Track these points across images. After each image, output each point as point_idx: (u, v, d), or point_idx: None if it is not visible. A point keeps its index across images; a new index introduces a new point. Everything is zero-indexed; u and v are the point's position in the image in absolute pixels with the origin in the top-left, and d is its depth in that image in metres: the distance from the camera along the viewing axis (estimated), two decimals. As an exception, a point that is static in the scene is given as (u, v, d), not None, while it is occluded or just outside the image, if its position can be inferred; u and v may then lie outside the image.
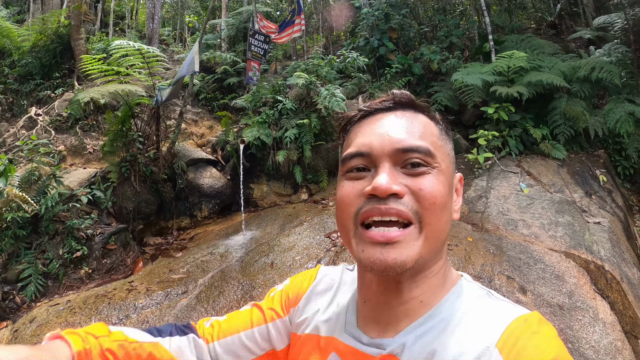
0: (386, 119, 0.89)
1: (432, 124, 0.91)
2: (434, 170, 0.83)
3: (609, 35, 9.27)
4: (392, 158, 0.83)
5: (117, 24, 18.50)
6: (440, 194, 0.81)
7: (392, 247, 0.78)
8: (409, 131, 0.86)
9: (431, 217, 0.80)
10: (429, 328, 0.82)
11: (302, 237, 5.77)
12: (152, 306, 4.72)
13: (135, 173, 7.12)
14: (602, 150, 7.26)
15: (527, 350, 0.72)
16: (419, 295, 0.85)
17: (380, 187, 0.78)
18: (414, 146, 0.83)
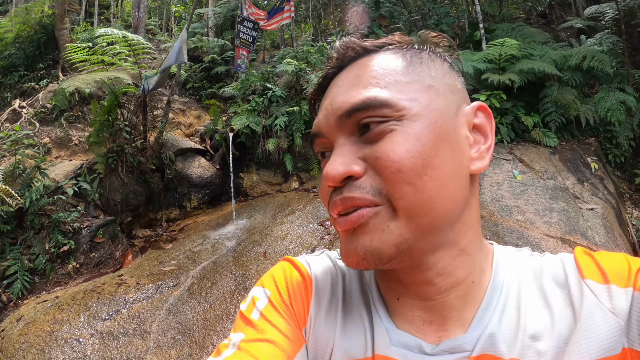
0: (335, 83, 0.70)
1: (392, 59, 0.67)
2: (400, 123, 0.61)
3: (600, 25, 9.27)
4: (342, 130, 0.65)
5: (102, 14, 18.23)
6: (408, 155, 0.59)
7: (362, 232, 0.61)
8: (352, 87, 0.65)
9: (401, 188, 0.59)
10: (503, 303, 0.67)
11: (294, 226, 5.71)
12: (143, 300, 4.65)
13: (123, 164, 6.98)
14: (593, 138, 7.28)
15: (609, 264, 0.65)
16: (468, 276, 0.68)
17: (328, 177, 0.62)
18: (357, 103, 0.63)
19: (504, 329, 0.64)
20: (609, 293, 0.61)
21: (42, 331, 4.26)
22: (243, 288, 4.60)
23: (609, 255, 0.66)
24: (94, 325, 4.33)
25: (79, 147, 8.87)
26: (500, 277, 0.69)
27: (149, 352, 4.04)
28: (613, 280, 0.62)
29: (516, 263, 0.72)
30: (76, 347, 4.09)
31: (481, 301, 0.67)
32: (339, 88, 0.67)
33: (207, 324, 4.25)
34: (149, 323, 4.34)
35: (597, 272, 0.64)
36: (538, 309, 0.65)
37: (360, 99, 0.62)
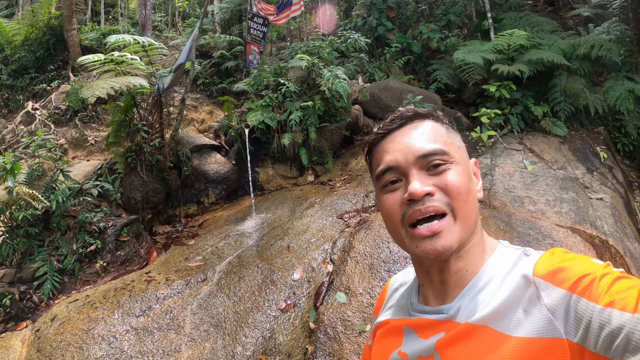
0: (401, 135, 1.06)
1: (438, 126, 1.08)
2: (452, 165, 1.00)
3: (608, 13, 9.32)
4: (417, 165, 1.00)
5: (109, 12, 18.25)
6: (462, 183, 0.98)
7: (438, 237, 0.95)
8: (423, 139, 1.03)
9: (460, 204, 0.97)
10: (479, 289, 0.98)
11: (314, 219, 5.85)
12: (174, 295, 4.81)
13: (142, 162, 7.13)
14: (602, 128, 7.36)
15: (559, 266, 0.88)
16: (465, 266, 1.01)
17: (415, 192, 0.96)
18: (431, 150, 1.00)
19: (471, 305, 0.96)
20: (549, 291, 0.86)
21: (78, 329, 4.41)
22: (270, 281, 4.76)
23: (577, 261, 0.89)
24: (128, 321, 4.50)
25: (95, 147, 9.04)
26: (487, 269, 1.01)
27: (183, 345, 4.22)
28: (556, 282, 0.86)
29: (506, 260, 1.00)
30: (113, 344, 4.26)
31: (466, 285, 1.01)
32: (410, 139, 1.04)
33: (239, 317, 4.43)
34: (181, 318, 4.52)
35: (550, 272, 0.88)
36: (498, 294, 0.93)
37: (434, 148, 1.01)
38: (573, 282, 0.83)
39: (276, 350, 4.05)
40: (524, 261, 0.96)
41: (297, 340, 4.08)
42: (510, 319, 0.88)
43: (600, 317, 0.76)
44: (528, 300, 0.88)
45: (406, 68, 9.98)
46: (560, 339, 0.81)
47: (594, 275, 0.82)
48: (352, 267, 4.53)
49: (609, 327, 0.74)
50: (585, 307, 0.79)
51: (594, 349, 0.76)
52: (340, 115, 8.15)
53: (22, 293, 5.31)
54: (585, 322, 0.78)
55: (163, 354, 4.16)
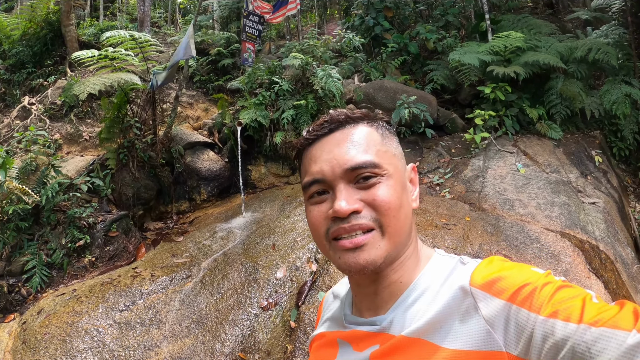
0: (330, 142, 0.99)
1: (372, 132, 1.00)
2: (383, 178, 0.94)
3: (607, 17, 9.28)
4: (344, 178, 0.93)
5: (107, 8, 18.28)
6: (392, 198, 0.93)
7: (362, 250, 0.91)
8: (352, 149, 0.95)
9: (389, 220, 0.92)
10: (413, 300, 0.95)
11: (302, 219, 5.82)
12: (158, 291, 4.81)
13: (134, 159, 7.12)
14: (597, 131, 7.32)
15: (497, 276, 0.85)
16: (399, 278, 0.98)
17: (339, 211, 0.90)
18: (360, 163, 0.93)
19: (405, 317, 0.93)
20: (487, 301, 0.83)
21: (63, 322, 4.44)
22: (253, 279, 4.74)
23: (516, 270, 0.86)
24: (112, 316, 4.51)
25: (90, 143, 9.03)
26: (422, 280, 0.97)
27: (164, 341, 4.22)
28: (494, 292, 0.82)
29: (441, 271, 0.97)
30: (96, 337, 4.28)
31: (400, 296, 0.97)
32: (339, 148, 0.97)
33: (220, 314, 4.41)
34: (164, 313, 4.51)
35: (488, 282, 0.85)
36: (433, 305, 0.90)
37: (364, 160, 0.94)
38: (512, 292, 0.80)
39: (255, 348, 4.04)
40: (460, 270, 0.93)
41: (277, 338, 4.06)
42: (446, 331, 0.85)
43: (543, 328, 0.72)
44: (465, 312, 0.85)
45: (403, 68, 9.94)
46: (499, 352, 0.78)
47: (535, 285, 0.79)
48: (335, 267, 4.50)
49: (553, 339, 0.71)
50: (526, 318, 0.76)
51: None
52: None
53: (11, 286, 5.36)
54: (526, 334, 0.75)
55: (144, 349, 4.17)
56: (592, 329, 0.67)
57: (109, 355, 4.13)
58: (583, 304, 0.72)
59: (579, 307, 0.71)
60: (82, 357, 4.11)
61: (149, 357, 4.11)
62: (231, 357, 4.02)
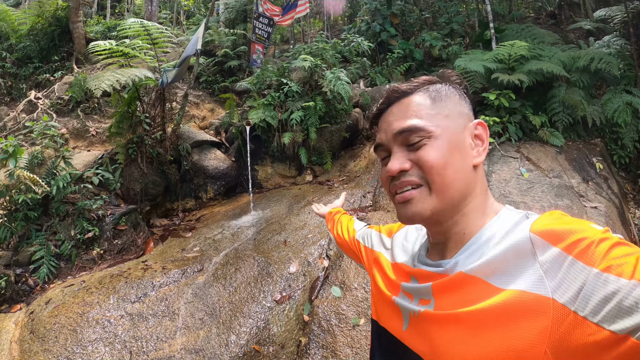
0: (388, 114, 1.14)
1: (424, 98, 1.10)
2: (430, 140, 1.04)
3: (609, 28, 9.41)
4: (396, 142, 1.08)
5: (115, 7, 18.33)
6: (436, 158, 1.01)
7: (409, 204, 1.04)
8: (400, 116, 1.09)
9: (433, 177, 1.01)
10: (477, 248, 1.02)
11: (312, 217, 5.90)
12: (170, 284, 4.86)
13: (142, 154, 7.20)
14: (598, 139, 7.41)
15: (558, 227, 0.88)
16: (462, 229, 1.06)
17: (389, 170, 1.07)
18: (405, 127, 1.06)
19: (467, 261, 1.00)
20: (544, 248, 0.86)
21: (73, 312, 4.46)
22: (266, 273, 4.81)
23: (575, 223, 0.89)
24: (123, 307, 4.55)
25: (96, 138, 9.08)
26: (487, 230, 1.03)
27: (178, 332, 4.27)
28: (553, 241, 0.86)
29: (505, 223, 1.01)
30: (107, 328, 4.31)
31: (464, 245, 1.05)
32: (393, 116, 1.11)
33: (234, 306, 4.48)
34: (176, 305, 4.56)
35: (547, 230, 0.89)
36: (494, 250, 0.96)
37: (408, 124, 1.06)
38: (570, 243, 0.83)
39: (270, 340, 4.10)
40: (524, 222, 0.97)
41: (291, 332, 4.13)
42: (502, 272, 0.91)
43: (596, 281, 0.76)
44: (522, 255, 0.89)
45: (408, 74, 10.05)
46: (546, 297, 0.82)
47: (592, 239, 0.81)
48: (347, 262, 4.58)
49: (603, 291, 0.74)
50: (580, 270, 0.79)
51: (581, 312, 0.76)
52: (340, 117, 8.23)
53: (18, 276, 5.33)
54: (577, 285, 0.78)
55: (157, 340, 4.20)
56: None
57: (120, 346, 4.15)
58: (637, 261, 0.74)
59: (632, 264, 0.74)
60: (94, 347, 4.13)
61: (162, 348, 4.14)
62: (246, 349, 4.07)
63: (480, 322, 0.90)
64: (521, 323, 0.84)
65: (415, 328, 1.10)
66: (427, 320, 1.05)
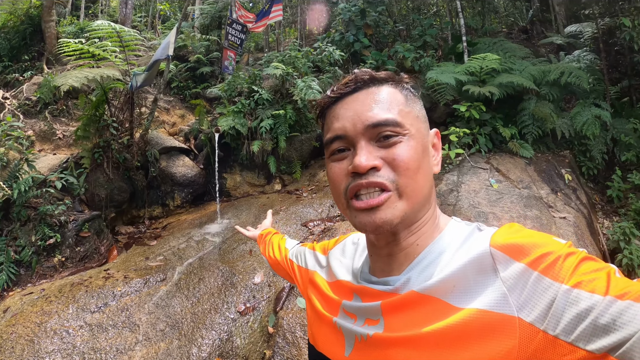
0: (353, 100, 0.99)
1: (396, 92, 1.00)
2: (405, 138, 0.93)
3: (579, 43, 9.63)
4: (366, 135, 0.93)
5: (89, 8, 18.09)
6: (412, 159, 0.92)
7: (378, 210, 0.90)
8: (375, 107, 0.95)
9: (407, 180, 0.91)
10: (429, 262, 0.94)
11: (279, 226, 5.86)
12: (132, 293, 4.73)
13: (109, 159, 7.04)
14: (567, 151, 7.56)
15: (519, 241, 0.83)
16: (415, 241, 0.97)
17: (359, 166, 0.90)
18: (382, 120, 0.93)
19: (420, 278, 0.92)
20: (506, 263, 0.81)
21: (31, 322, 4.30)
22: (230, 284, 4.71)
23: (538, 237, 0.83)
24: (82, 317, 4.40)
25: (63, 142, 8.86)
26: (438, 243, 0.97)
27: (138, 344, 4.13)
28: (516, 256, 0.81)
29: (458, 235, 0.97)
30: (66, 338, 4.15)
31: (415, 258, 0.97)
32: (362, 105, 0.97)
33: (196, 318, 4.36)
34: (137, 316, 4.43)
35: (509, 245, 0.83)
36: (449, 266, 0.90)
37: (384, 117, 0.94)
38: (534, 258, 0.78)
39: (233, 353, 4.00)
40: (478, 235, 0.92)
41: (255, 344, 4.03)
42: (460, 291, 0.85)
43: (566, 298, 0.71)
44: (482, 272, 0.84)
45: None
46: (510, 316, 0.76)
47: (558, 254, 0.77)
48: (314, 273, 4.50)
49: (576, 309, 0.70)
50: (547, 286, 0.74)
51: (552, 331, 0.72)
52: (311, 126, 8.21)
53: (-25, 283, 5.12)
54: (545, 302, 0.74)
55: (116, 352, 4.06)
56: (619, 301, 0.67)
57: (79, 358, 4.01)
58: (608, 277, 0.71)
59: (604, 280, 0.71)
60: (51, 358, 3.98)
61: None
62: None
63: (440, 344, 0.83)
64: (485, 344, 0.78)
65: (362, 353, 0.99)
66: (378, 345, 0.94)
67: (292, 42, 11.22)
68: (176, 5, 20.77)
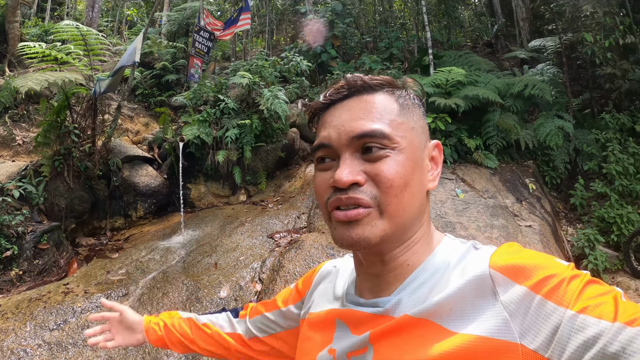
0: (342, 108, 0.91)
1: (390, 101, 0.91)
2: (393, 152, 0.86)
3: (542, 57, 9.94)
4: (351, 147, 0.87)
5: (55, 10, 17.81)
6: (398, 175, 0.84)
7: (356, 225, 0.84)
8: (362, 117, 0.88)
9: (390, 199, 0.84)
10: (421, 282, 0.88)
11: (244, 238, 5.77)
12: (92, 310, 4.54)
13: (69, 168, 6.80)
14: (531, 161, 7.79)
15: (520, 262, 0.78)
16: (406, 260, 0.91)
17: (340, 181, 0.84)
18: (368, 131, 0.85)
19: (412, 299, 0.87)
20: (507, 286, 0.76)
21: (-15, 341, 4.09)
22: (195, 298, 4.60)
23: (540, 258, 0.78)
24: (41, 335, 4.19)
25: (23, 148, 8.59)
26: (431, 262, 0.91)
27: (99, 363, 3.98)
28: (517, 278, 0.76)
29: (452, 253, 0.91)
30: (24, 358, 3.95)
31: (407, 278, 0.91)
32: (350, 114, 0.90)
33: (159, 334, 4.22)
34: (98, 333, 4.26)
35: (510, 266, 0.78)
36: (444, 287, 0.84)
37: (370, 128, 0.86)
38: (537, 280, 0.73)
39: (200, 371, 3.88)
40: (474, 254, 0.87)
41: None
42: (457, 315, 0.79)
43: (572, 324, 0.66)
44: (480, 295, 0.78)
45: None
46: (513, 343, 0.71)
47: (562, 277, 0.72)
48: (281, 286, 4.46)
49: (582, 336, 0.65)
50: (551, 311, 0.69)
51: (558, 359, 0.66)
52: (277, 137, 8.15)
53: None
54: (549, 328, 0.69)
55: (77, 372, 3.90)
56: (628, 328, 0.62)
57: (37, 378, 3.84)
58: (615, 301, 0.67)
59: (611, 305, 0.66)
60: (7, 379, 3.81)
61: (82, 380, 3.86)
62: (172, 379, 3.85)
63: None
64: None
65: None
66: None
67: (260, 52, 11.19)
68: (143, 11, 20.56)
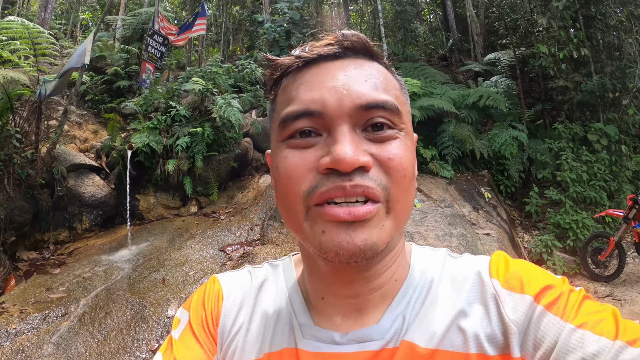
0: (336, 68, 0.67)
1: (392, 77, 0.72)
2: (402, 134, 0.66)
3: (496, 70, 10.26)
4: (353, 118, 0.63)
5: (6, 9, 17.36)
6: (410, 164, 0.65)
7: (361, 226, 0.61)
8: (369, 83, 0.65)
9: (401, 192, 0.64)
10: (412, 300, 0.71)
11: (194, 251, 5.58)
12: (28, 332, 4.22)
13: (9, 175, 6.40)
14: (486, 171, 7.99)
15: (518, 271, 0.70)
16: (393, 275, 0.72)
17: (344, 160, 0.59)
18: (380, 101, 0.64)
19: (414, 324, 0.69)
20: (509, 296, 0.67)
21: None
22: (141, 318, 4.33)
23: (535, 269, 0.71)
24: (-32, 362, 3.88)
25: (-42, 155, 8.08)
26: (415, 275, 0.75)
27: (33, 391, 3.67)
28: (516, 287, 0.67)
29: (431, 263, 0.77)
30: (-51, 387, 3.65)
31: (395, 296, 0.72)
32: (350, 77, 0.65)
33: (102, 359, 3.93)
34: (35, 358, 3.93)
35: (509, 276, 0.69)
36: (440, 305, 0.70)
37: (384, 99, 0.64)
38: (538, 291, 0.65)
39: (143, 396, 3.64)
40: (462, 263, 0.75)
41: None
42: (470, 336, 0.66)
43: (570, 339, 0.59)
44: (485, 311, 0.67)
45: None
46: (513, 358, 0.63)
47: (561, 289, 0.65)
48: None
49: (581, 353, 0.58)
50: (551, 324, 0.61)
51: None
52: (229, 146, 7.99)
53: None
54: (549, 342, 0.61)
55: (10, 402, 3.59)
56: (630, 348, 0.56)
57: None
58: (615, 319, 0.60)
59: (612, 322, 0.60)
60: None
61: (15, 410, 3.55)
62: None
63: None
64: None
65: None
66: None
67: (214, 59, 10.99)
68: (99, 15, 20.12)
